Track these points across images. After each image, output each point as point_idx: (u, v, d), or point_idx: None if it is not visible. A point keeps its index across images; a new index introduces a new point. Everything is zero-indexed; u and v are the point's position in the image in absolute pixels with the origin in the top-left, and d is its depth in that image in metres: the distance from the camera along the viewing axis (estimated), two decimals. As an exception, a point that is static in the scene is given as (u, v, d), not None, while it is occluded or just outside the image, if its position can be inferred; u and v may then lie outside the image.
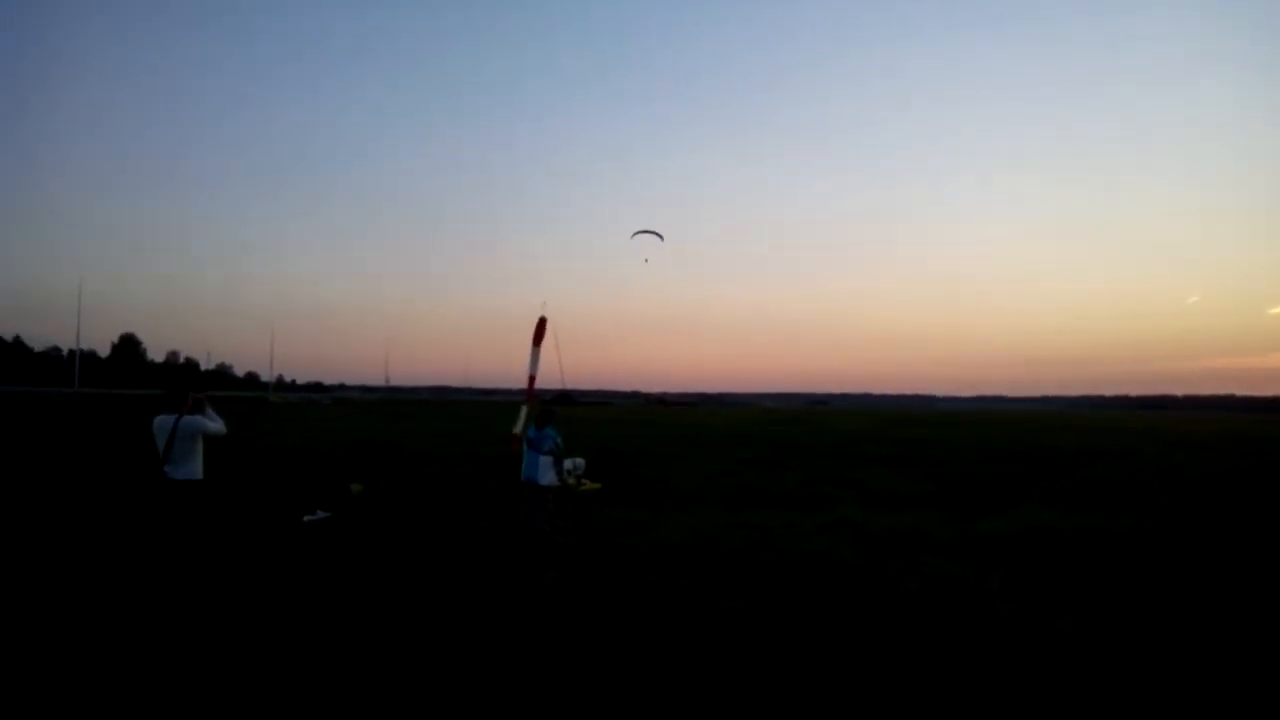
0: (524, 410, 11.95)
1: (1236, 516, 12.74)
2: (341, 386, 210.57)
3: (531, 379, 12.70)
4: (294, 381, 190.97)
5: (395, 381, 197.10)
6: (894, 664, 5.33)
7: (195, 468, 7.25)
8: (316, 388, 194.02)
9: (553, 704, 4.54)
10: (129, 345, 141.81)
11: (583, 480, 15.67)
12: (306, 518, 10.96)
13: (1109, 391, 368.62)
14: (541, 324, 12.79)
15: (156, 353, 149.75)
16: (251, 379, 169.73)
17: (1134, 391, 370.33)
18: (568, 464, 15.88)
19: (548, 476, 10.18)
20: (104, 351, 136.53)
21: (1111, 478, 19.28)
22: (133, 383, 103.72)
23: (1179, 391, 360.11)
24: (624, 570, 8.14)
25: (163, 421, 7.16)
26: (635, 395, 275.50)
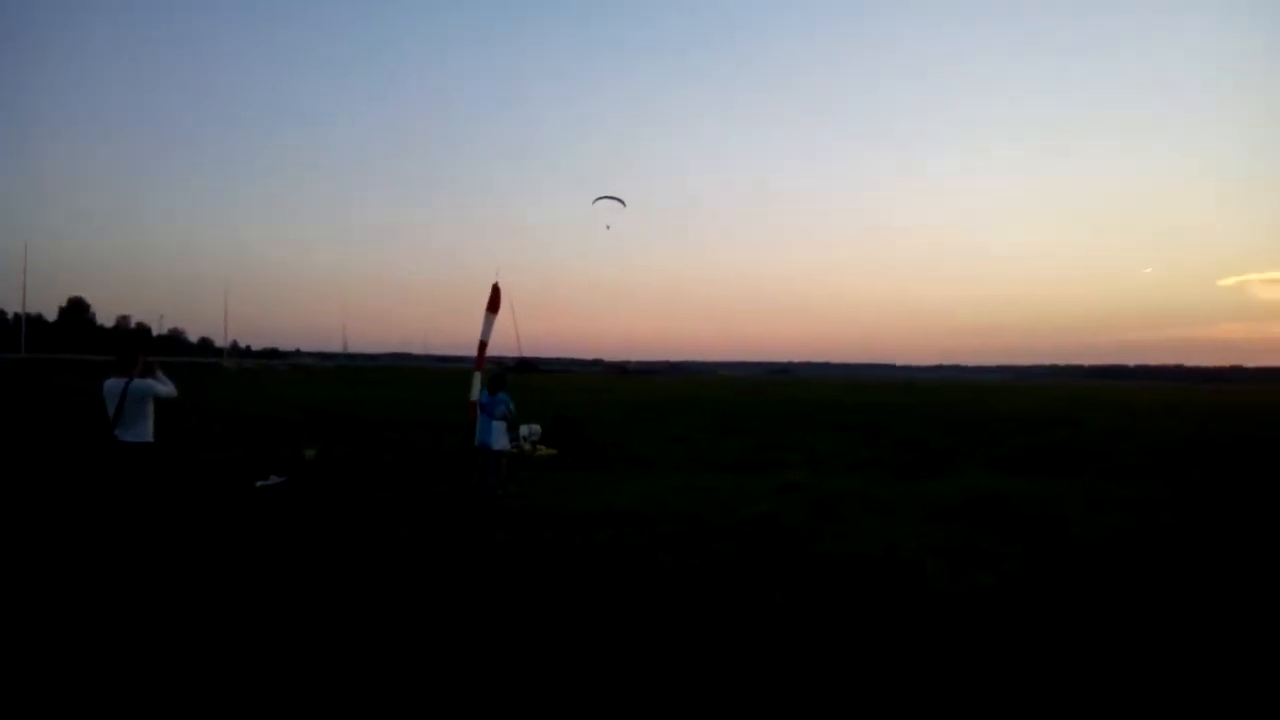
0: (477, 377, 12.09)
1: (1160, 479, 13.36)
2: (298, 352, 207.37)
3: (483, 345, 12.83)
4: (249, 347, 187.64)
5: (353, 348, 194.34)
6: (819, 616, 5.65)
7: (145, 430, 7.31)
8: (272, 354, 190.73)
9: (492, 664, 4.76)
10: (77, 309, 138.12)
11: (538, 446, 15.87)
12: (259, 482, 11.01)
13: (1063, 361, 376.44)
14: (496, 292, 12.90)
15: (106, 317, 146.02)
16: (205, 344, 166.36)
17: (1088, 361, 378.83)
18: (523, 430, 16.09)
19: (501, 441, 10.35)
20: (51, 315, 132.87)
21: (1052, 443, 20.00)
22: (82, 347, 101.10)
23: (1131, 361, 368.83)
24: (572, 531, 8.36)
25: (113, 385, 7.19)
26: (597, 363, 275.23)
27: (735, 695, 4.30)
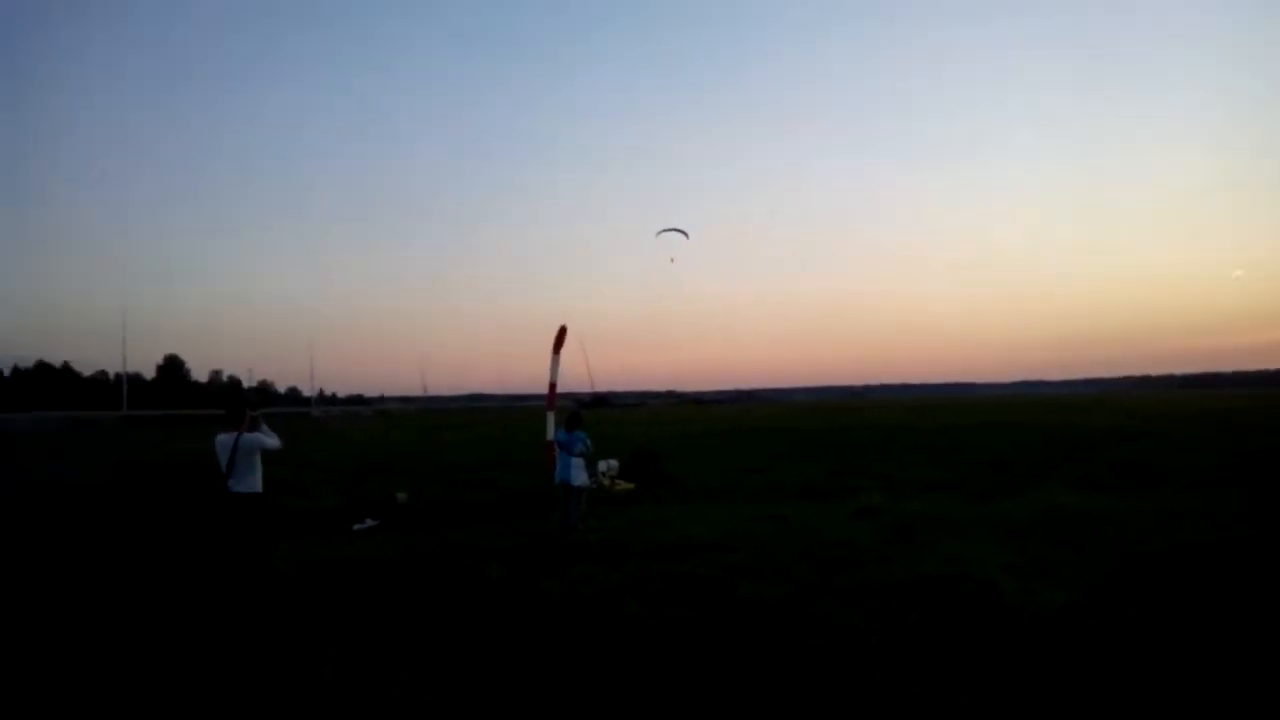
0: (550, 416, 12.56)
1: (1238, 489, 12.94)
2: (381, 398, 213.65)
3: (553, 386, 13.33)
4: (335, 395, 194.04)
5: (433, 390, 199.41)
6: (894, 636, 5.83)
7: (255, 481, 7.94)
8: (357, 400, 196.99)
9: (577, 690, 5.11)
10: (173, 366, 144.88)
11: (616, 480, 16.23)
12: (356, 526, 11.64)
13: (1154, 371, 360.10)
14: (561, 332, 13.43)
15: (200, 372, 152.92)
16: (293, 394, 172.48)
17: (1179, 370, 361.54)
18: (601, 465, 16.50)
19: (580, 477, 10.76)
20: (149, 373, 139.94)
21: (1131, 458, 19.42)
22: (178, 403, 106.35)
23: (1226, 368, 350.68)
24: (651, 562, 8.66)
25: (224, 440, 7.85)
26: (670, 395, 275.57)
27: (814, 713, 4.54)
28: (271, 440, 8.14)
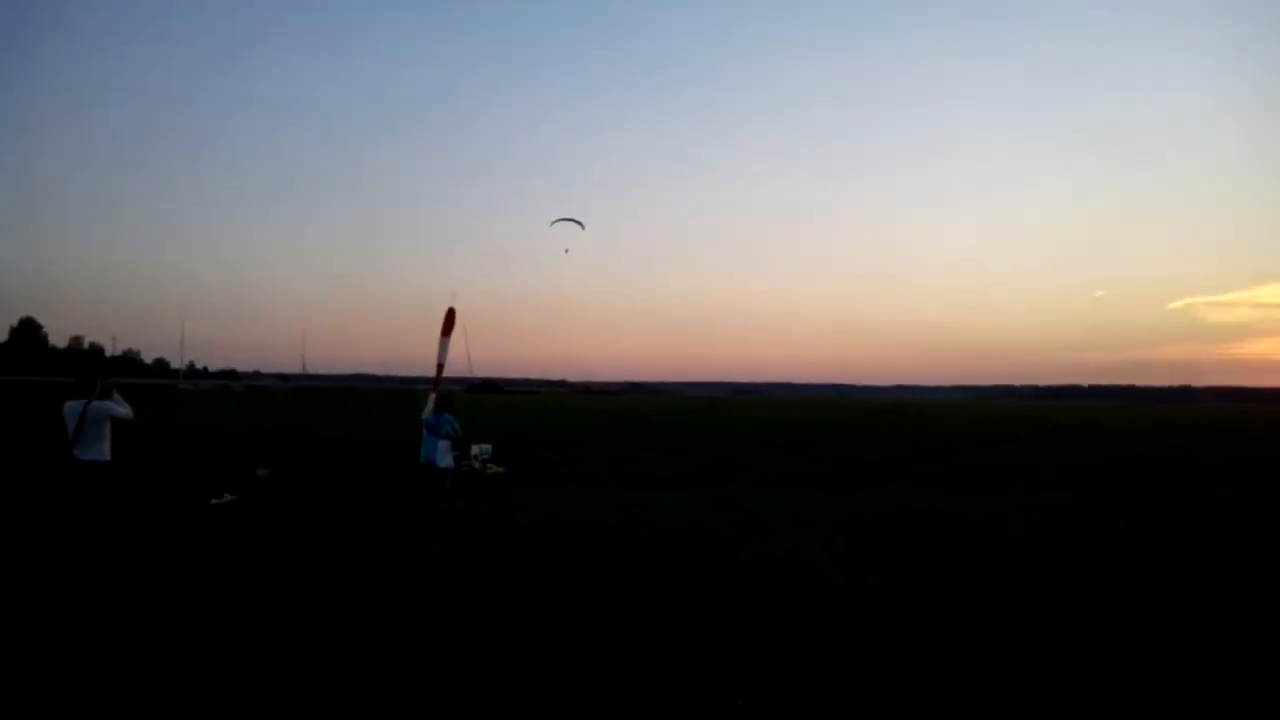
0: (431, 398, 12.65)
1: (1073, 492, 14.30)
2: (256, 374, 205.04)
3: (440, 368, 13.39)
4: (206, 369, 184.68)
5: (313, 369, 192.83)
6: (722, 608, 6.34)
7: (103, 450, 7.82)
8: (230, 375, 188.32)
9: (420, 659, 5.38)
10: (29, 329, 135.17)
11: (488, 464, 16.42)
12: (213, 501, 11.43)
13: (1018, 381, 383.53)
14: (450, 315, 13.48)
15: (59, 338, 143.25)
16: (160, 366, 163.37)
17: (1042, 382, 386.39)
18: (475, 449, 16.65)
19: (445, 459, 10.93)
20: (2, 336, 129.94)
21: (982, 461, 21.00)
22: (34, 369, 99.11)
23: (1084, 382, 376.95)
24: (510, 542, 8.97)
25: (73, 407, 7.70)
26: (562, 384, 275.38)
27: (640, 674, 4.98)
28: (122, 409, 8.02)
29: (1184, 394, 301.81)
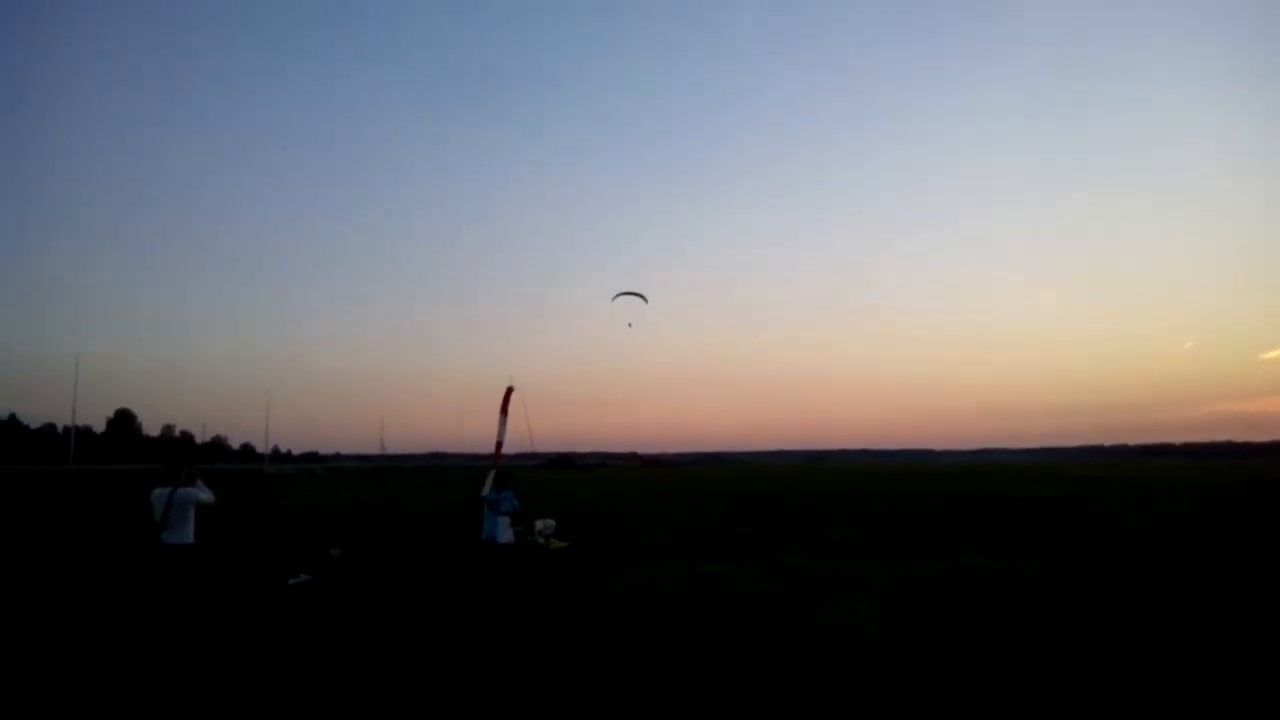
0: (491, 475, 13.09)
1: (1165, 564, 13.83)
2: (337, 456, 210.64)
3: (499, 445, 13.88)
4: (290, 452, 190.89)
5: (391, 449, 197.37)
6: (775, 673, 6.47)
7: (188, 533, 8.42)
8: (312, 458, 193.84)
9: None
10: (124, 420, 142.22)
11: (551, 539, 16.69)
12: (290, 580, 11.98)
13: (1108, 441, 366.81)
14: (508, 394, 14.02)
15: (152, 427, 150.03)
16: (247, 450, 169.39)
17: (1133, 440, 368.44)
18: (539, 525, 16.97)
19: (505, 535, 11.26)
20: (99, 427, 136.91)
21: (1049, 525, 20.36)
22: (128, 458, 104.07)
23: (1177, 439, 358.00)
24: (571, 615, 9.26)
25: (160, 493, 8.34)
26: (633, 457, 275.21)
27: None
28: (205, 494, 8.63)
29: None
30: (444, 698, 6.11)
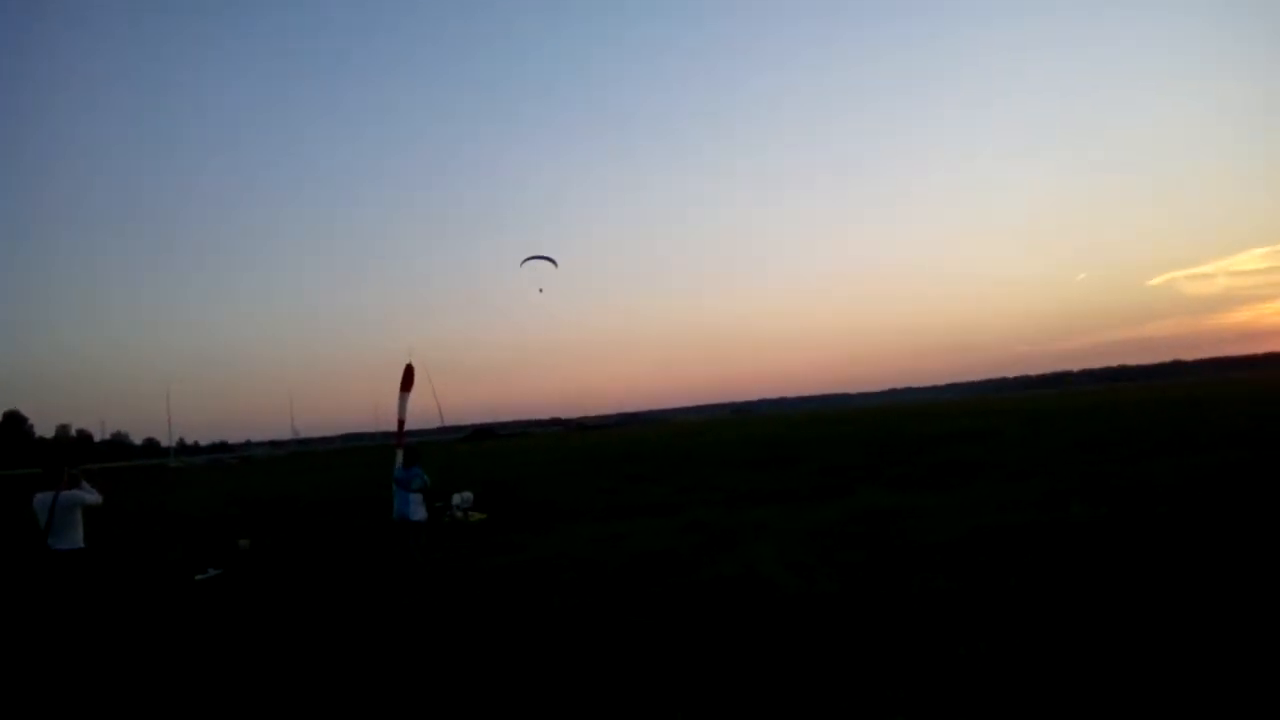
0: (399, 454, 12.96)
1: (1045, 481, 14.70)
2: (248, 444, 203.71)
3: (400, 423, 13.72)
4: (197, 444, 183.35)
5: (304, 433, 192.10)
6: (678, 626, 6.70)
7: (77, 538, 8.09)
8: (221, 448, 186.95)
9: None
10: (14, 422, 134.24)
11: (470, 512, 16.67)
12: (198, 576, 11.67)
13: (1010, 374, 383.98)
14: (408, 370, 13.83)
15: (45, 428, 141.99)
16: (151, 446, 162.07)
17: (1033, 371, 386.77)
18: (456, 498, 16.92)
19: (418, 512, 11.19)
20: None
21: (957, 458, 21.39)
22: (18, 462, 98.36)
23: (1075, 367, 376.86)
24: (483, 586, 9.37)
25: (42, 498, 7.98)
26: (555, 422, 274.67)
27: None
28: (91, 496, 8.30)
29: (1174, 369, 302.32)
30: (356, 678, 6.12)
